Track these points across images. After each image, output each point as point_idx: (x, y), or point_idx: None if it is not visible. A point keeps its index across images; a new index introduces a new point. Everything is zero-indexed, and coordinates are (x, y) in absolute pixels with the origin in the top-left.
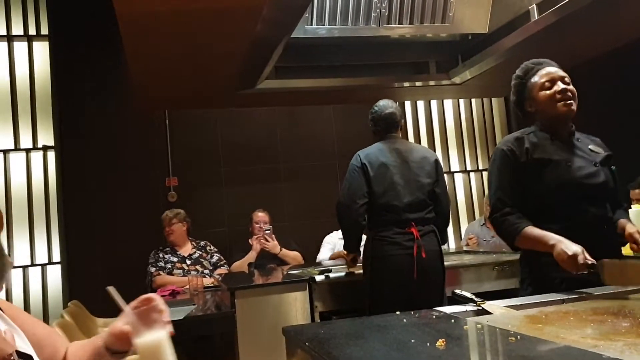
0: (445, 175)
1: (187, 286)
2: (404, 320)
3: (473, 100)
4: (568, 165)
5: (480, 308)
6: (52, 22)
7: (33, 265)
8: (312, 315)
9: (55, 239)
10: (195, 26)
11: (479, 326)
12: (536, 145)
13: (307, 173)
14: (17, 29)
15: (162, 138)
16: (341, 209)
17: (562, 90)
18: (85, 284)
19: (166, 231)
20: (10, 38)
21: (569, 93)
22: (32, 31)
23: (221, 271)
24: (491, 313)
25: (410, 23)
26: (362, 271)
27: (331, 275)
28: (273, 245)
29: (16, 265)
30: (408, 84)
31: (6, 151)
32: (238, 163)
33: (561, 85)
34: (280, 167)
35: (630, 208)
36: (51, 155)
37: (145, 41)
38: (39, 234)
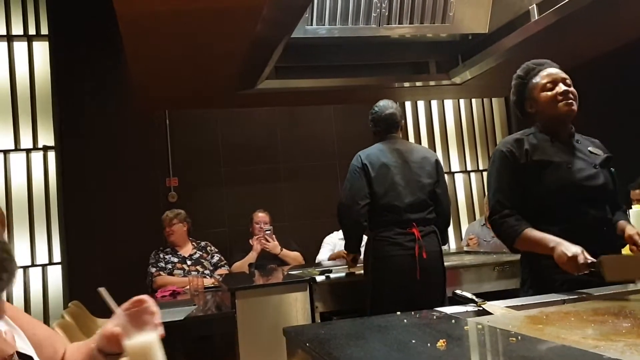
0: (445, 175)
1: (188, 286)
2: (405, 320)
3: (473, 100)
4: (568, 167)
5: (480, 308)
6: (52, 22)
7: (33, 265)
8: (313, 315)
9: (55, 240)
10: (195, 26)
11: (480, 327)
12: (536, 146)
13: (307, 173)
14: (17, 29)
15: (163, 138)
16: (343, 210)
17: (564, 92)
18: (85, 285)
19: (167, 231)
20: (10, 38)
21: (571, 95)
22: (32, 31)
23: (222, 271)
24: (492, 313)
25: (410, 23)
26: (363, 271)
27: (332, 275)
28: (273, 245)
29: None
30: (408, 84)
31: (6, 151)
32: (238, 163)
33: (563, 86)
34: (280, 167)
35: (630, 209)
36: (51, 155)
37: (145, 41)
38: (40, 235)
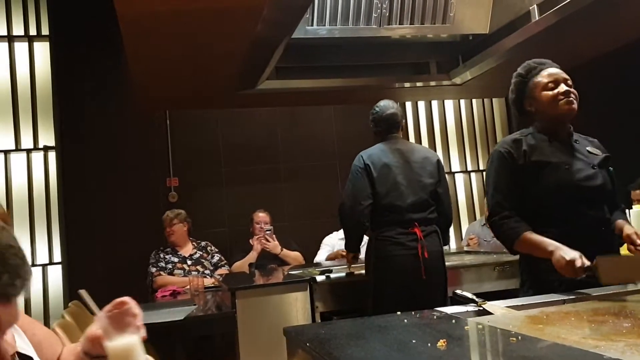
0: (446, 175)
1: (188, 286)
2: (405, 320)
3: (474, 100)
4: (566, 168)
5: (481, 308)
6: (53, 23)
7: (34, 265)
8: (313, 315)
9: (55, 239)
10: (195, 26)
11: (480, 327)
12: (534, 147)
13: (308, 173)
14: (18, 30)
15: (163, 138)
16: (345, 210)
17: (566, 91)
18: (86, 284)
19: (167, 231)
20: (10, 38)
21: (572, 94)
22: (33, 31)
23: (222, 271)
24: (492, 313)
25: (410, 23)
26: (365, 271)
27: (332, 275)
28: (274, 245)
29: None
30: (409, 85)
31: (7, 151)
32: (238, 163)
33: (564, 87)
34: (280, 167)
35: (630, 209)
36: (52, 155)
37: (145, 41)
38: (40, 235)
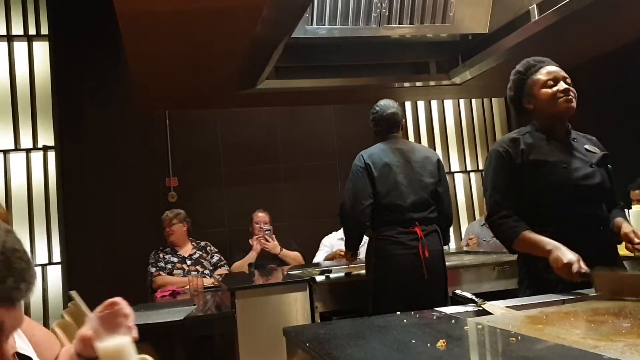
0: (446, 175)
1: (188, 286)
2: (405, 320)
3: (473, 100)
4: (564, 167)
5: (480, 308)
6: (52, 22)
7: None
8: (313, 315)
9: (55, 239)
10: (195, 25)
11: (480, 327)
12: (532, 146)
13: (307, 173)
14: (17, 29)
15: (162, 138)
16: (346, 210)
17: (565, 89)
18: (85, 284)
19: (166, 231)
20: (10, 38)
21: (571, 92)
22: (32, 31)
23: (221, 271)
24: (492, 313)
25: (410, 23)
26: (365, 271)
27: (331, 275)
28: (273, 245)
29: None
30: (408, 84)
31: (6, 151)
32: (238, 163)
33: (563, 84)
34: (280, 167)
35: (630, 208)
36: (51, 155)
37: (145, 40)
38: (39, 234)
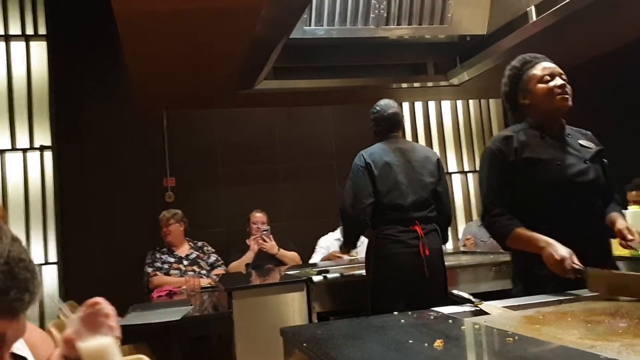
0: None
1: (184, 287)
2: (402, 320)
3: (471, 101)
4: (558, 164)
5: (477, 308)
6: (50, 22)
7: None
8: (310, 315)
9: (51, 239)
10: (194, 26)
11: (477, 327)
12: (525, 143)
13: (306, 173)
14: (15, 29)
15: (160, 138)
16: (346, 209)
17: (562, 85)
18: (81, 284)
19: (163, 231)
20: (7, 38)
21: (567, 89)
22: (30, 31)
23: (218, 272)
24: (489, 313)
25: (408, 24)
26: (365, 270)
27: (329, 275)
28: (271, 245)
29: None
30: (406, 85)
31: (3, 151)
32: (236, 163)
33: (560, 80)
34: (278, 168)
35: (626, 209)
36: (48, 155)
37: (143, 41)
38: (35, 234)
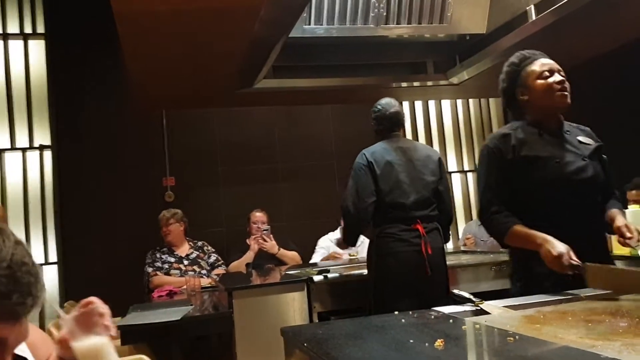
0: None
1: (185, 286)
2: (403, 320)
3: (470, 100)
4: (556, 162)
5: (478, 308)
6: (49, 21)
7: None
8: (311, 315)
9: (51, 239)
10: (194, 26)
11: (477, 326)
12: (523, 141)
13: (306, 173)
14: (13, 27)
15: (160, 137)
16: (348, 208)
17: (561, 81)
18: (82, 284)
19: (163, 231)
20: (5, 36)
21: (566, 85)
22: (28, 29)
23: (219, 271)
24: (489, 313)
25: (408, 23)
26: (367, 269)
27: (329, 275)
28: (271, 245)
29: None
30: (406, 84)
31: (2, 150)
32: (236, 163)
33: (559, 76)
34: (278, 167)
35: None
36: (47, 154)
37: (143, 41)
38: (35, 234)
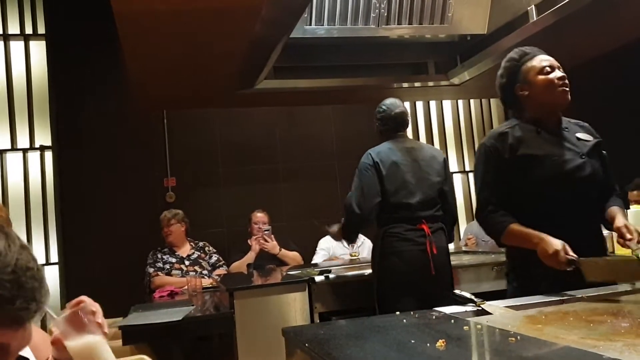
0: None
1: (186, 287)
2: (404, 320)
3: (472, 101)
4: (553, 160)
5: (479, 308)
6: (49, 21)
7: None
8: (312, 316)
9: (52, 240)
10: (194, 26)
11: (479, 327)
12: (521, 139)
13: (306, 173)
14: (14, 28)
15: (160, 138)
16: (352, 207)
17: (562, 77)
18: (83, 285)
19: (164, 232)
20: (6, 37)
21: (567, 82)
22: (29, 30)
23: (220, 272)
24: (491, 313)
25: (409, 23)
26: (371, 268)
27: (331, 275)
28: (272, 245)
29: None
30: (407, 85)
31: (3, 151)
32: (237, 163)
33: (560, 73)
34: (279, 168)
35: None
36: (48, 155)
37: (143, 40)
38: (36, 235)
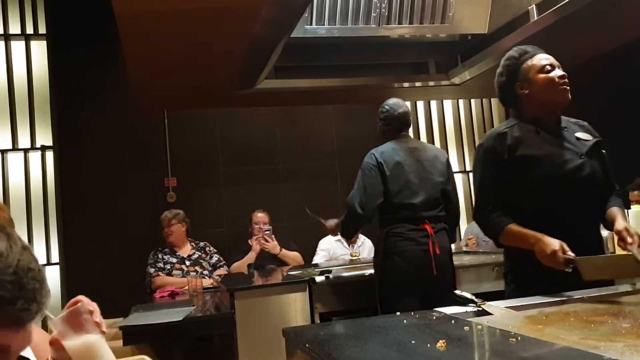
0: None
1: (187, 287)
2: (405, 321)
3: (472, 100)
4: (552, 160)
5: (480, 309)
6: (50, 21)
7: None
8: (312, 316)
9: (53, 240)
10: (194, 26)
11: (479, 327)
12: (520, 139)
13: (307, 173)
14: (15, 28)
15: (161, 138)
16: (356, 207)
17: (563, 75)
18: (83, 285)
19: (165, 232)
20: (7, 37)
21: (567, 80)
22: (30, 30)
23: (220, 272)
24: (491, 314)
25: (409, 23)
26: (373, 268)
27: (331, 276)
28: (273, 245)
29: None
30: (407, 84)
31: (4, 151)
32: (237, 163)
33: (560, 71)
34: (279, 167)
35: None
36: (49, 155)
37: (143, 40)
38: (37, 235)
